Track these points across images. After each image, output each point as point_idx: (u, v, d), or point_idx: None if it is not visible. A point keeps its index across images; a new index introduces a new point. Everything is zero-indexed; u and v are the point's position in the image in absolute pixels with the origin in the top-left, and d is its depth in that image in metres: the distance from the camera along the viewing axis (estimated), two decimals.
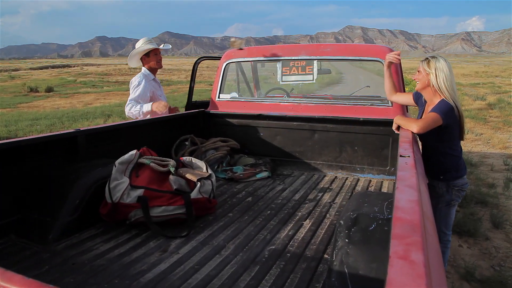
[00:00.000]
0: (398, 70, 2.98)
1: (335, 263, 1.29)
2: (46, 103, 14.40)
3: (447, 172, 2.37)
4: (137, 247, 1.82)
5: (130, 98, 3.23)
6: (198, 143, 3.18)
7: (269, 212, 2.31)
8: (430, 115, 2.20)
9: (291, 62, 3.38)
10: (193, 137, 3.22)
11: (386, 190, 2.77)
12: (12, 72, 33.07)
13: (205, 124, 3.58)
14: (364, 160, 3.10)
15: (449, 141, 2.33)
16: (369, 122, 3.00)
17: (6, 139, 1.99)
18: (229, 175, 3.00)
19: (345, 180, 3.01)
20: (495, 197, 4.36)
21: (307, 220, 2.19)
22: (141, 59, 3.36)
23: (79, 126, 7.02)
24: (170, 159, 2.32)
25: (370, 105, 3.10)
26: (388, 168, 3.02)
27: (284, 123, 3.30)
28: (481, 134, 8.07)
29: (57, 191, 1.98)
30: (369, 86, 4.38)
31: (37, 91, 17.81)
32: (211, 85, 4.86)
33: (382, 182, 2.96)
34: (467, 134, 7.65)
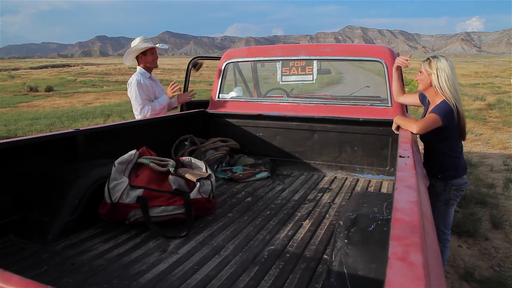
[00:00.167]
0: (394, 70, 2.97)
1: (334, 264, 1.29)
2: (46, 102, 14.39)
3: (446, 171, 2.38)
4: (137, 247, 1.82)
5: (139, 102, 3.17)
6: (198, 143, 3.18)
7: (268, 212, 2.31)
8: (430, 116, 2.21)
9: (291, 62, 3.38)
10: (193, 137, 3.22)
11: (385, 191, 2.77)
12: (12, 72, 33.04)
13: (205, 124, 3.58)
14: (363, 160, 3.10)
15: (448, 141, 2.33)
16: (368, 122, 3.00)
17: (5, 139, 1.98)
18: (229, 175, 3.00)
19: (345, 180, 3.01)
20: (494, 198, 4.36)
21: (307, 220, 2.19)
22: (136, 58, 3.32)
23: (79, 126, 7.02)
24: (169, 159, 2.32)
25: (370, 105, 3.10)
26: (387, 168, 3.02)
27: (284, 123, 3.30)
28: (481, 134, 8.07)
29: (56, 191, 1.98)
30: (369, 86, 4.37)
31: (37, 91, 17.79)
32: (211, 85, 4.86)
33: (381, 182, 2.96)
34: (467, 134, 7.64)
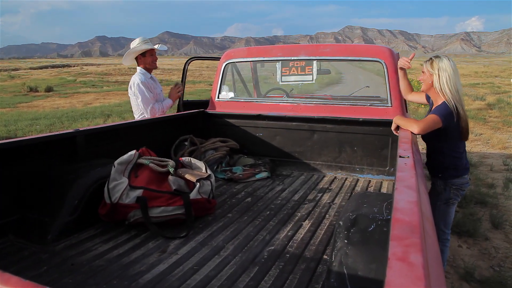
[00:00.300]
0: (398, 70, 2.97)
1: (334, 264, 1.29)
2: (46, 102, 14.38)
3: (446, 170, 2.38)
4: (136, 247, 1.82)
5: (146, 101, 3.22)
6: (198, 144, 3.18)
7: (268, 212, 2.31)
8: (431, 117, 2.20)
9: (290, 63, 3.38)
10: (193, 137, 3.22)
11: (385, 191, 2.77)
12: (12, 72, 33.02)
13: (205, 124, 3.57)
14: (363, 161, 3.10)
15: (448, 142, 2.33)
16: (368, 123, 3.00)
17: (5, 139, 1.98)
18: (229, 175, 2.99)
19: (345, 181, 3.01)
20: (494, 197, 4.36)
21: (307, 220, 2.19)
22: (136, 59, 3.35)
23: (79, 126, 7.02)
24: (169, 160, 2.32)
25: (370, 105, 3.10)
26: (387, 168, 3.02)
27: (284, 124, 3.30)
28: (481, 134, 8.07)
29: (56, 191, 1.98)
30: (369, 86, 4.37)
31: (37, 91, 17.78)
32: (211, 85, 4.86)
33: (381, 182, 2.96)
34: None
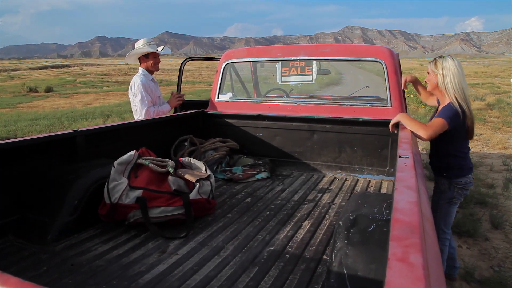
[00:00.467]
0: (398, 71, 2.97)
1: (334, 264, 1.29)
2: (46, 103, 14.38)
3: (450, 170, 2.39)
4: (136, 248, 1.82)
5: (145, 103, 3.25)
6: (197, 144, 3.18)
7: (268, 213, 2.31)
8: (437, 121, 2.20)
9: (290, 63, 3.38)
10: (192, 138, 3.22)
11: (385, 191, 2.77)
12: (12, 72, 33.01)
13: (204, 124, 3.57)
14: (363, 161, 3.10)
15: (454, 143, 2.33)
16: (368, 123, 3.00)
17: (5, 139, 1.98)
18: (228, 175, 2.99)
19: (344, 181, 3.01)
20: (494, 198, 4.36)
21: (306, 221, 2.19)
22: (138, 59, 3.41)
23: (78, 126, 7.02)
24: (169, 160, 2.32)
25: (370, 105, 3.10)
26: (387, 168, 3.02)
27: (284, 124, 3.30)
28: (481, 134, 8.07)
29: (56, 191, 1.98)
30: (369, 87, 4.37)
31: (37, 91, 17.78)
32: (211, 85, 4.86)
33: (381, 182, 2.96)
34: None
